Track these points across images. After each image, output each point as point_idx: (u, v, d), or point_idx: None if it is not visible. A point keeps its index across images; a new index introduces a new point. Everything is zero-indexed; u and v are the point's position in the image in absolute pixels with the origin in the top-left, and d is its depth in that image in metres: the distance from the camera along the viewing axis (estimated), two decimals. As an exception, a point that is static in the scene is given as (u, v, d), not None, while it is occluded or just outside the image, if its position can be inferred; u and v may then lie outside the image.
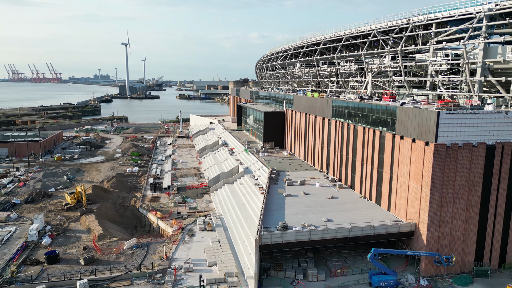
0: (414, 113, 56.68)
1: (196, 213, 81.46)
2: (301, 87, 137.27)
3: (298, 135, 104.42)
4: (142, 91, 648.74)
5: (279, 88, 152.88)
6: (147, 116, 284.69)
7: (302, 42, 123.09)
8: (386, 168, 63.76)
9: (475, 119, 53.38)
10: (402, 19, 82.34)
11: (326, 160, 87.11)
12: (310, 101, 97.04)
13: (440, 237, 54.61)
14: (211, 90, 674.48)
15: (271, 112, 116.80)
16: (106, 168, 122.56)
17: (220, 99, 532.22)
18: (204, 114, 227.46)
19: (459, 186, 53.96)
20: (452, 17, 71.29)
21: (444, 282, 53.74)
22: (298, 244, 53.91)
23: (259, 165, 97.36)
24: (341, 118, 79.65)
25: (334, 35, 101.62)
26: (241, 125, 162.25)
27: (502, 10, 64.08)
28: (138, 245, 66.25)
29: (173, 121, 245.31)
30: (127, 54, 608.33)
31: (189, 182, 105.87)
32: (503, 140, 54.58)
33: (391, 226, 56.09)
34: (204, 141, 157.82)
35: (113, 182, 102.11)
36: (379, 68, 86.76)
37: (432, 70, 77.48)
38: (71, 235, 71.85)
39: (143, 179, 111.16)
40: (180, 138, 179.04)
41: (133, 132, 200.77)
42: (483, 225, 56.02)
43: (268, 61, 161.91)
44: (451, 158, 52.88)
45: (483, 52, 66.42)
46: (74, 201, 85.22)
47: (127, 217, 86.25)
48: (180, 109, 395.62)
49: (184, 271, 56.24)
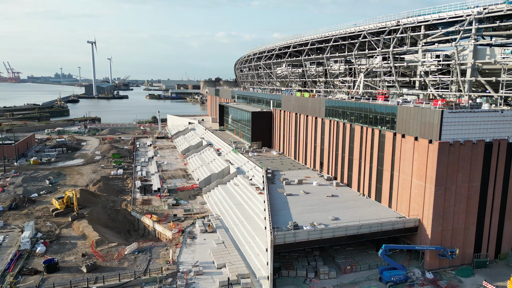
0: (416, 112, 58.58)
1: (192, 215, 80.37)
2: (285, 86, 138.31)
3: (288, 134, 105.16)
4: (110, 91, 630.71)
5: (263, 88, 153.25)
6: (120, 117, 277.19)
7: (287, 42, 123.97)
8: (387, 166, 65.51)
9: (475, 117, 55.91)
10: (391, 21, 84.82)
11: (320, 159, 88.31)
12: (300, 101, 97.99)
13: (443, 231, 56.84)
14: (181, 90, 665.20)
15: (259, 112, 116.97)
16: (88, 171, 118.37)
17: (192, 98, 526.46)
18: (182, 114, 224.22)
19: (460, 182, 56.37)
20: (443, 20, 74.21)
21: (448, 275, 55.99)
22: (310, 243, 54.46)
23: (251, 165, 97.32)
24: (336, 117, 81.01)
25: (322, 36, 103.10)
26: (223, 125, 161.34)
27: (490, 14, 67.38)
28: (139, 250, 64.52)
29: (149, 121, 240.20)
30: (93, 52, 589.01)
31: (178, 183, 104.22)
32: (499, 137, 57.51)
33: (397, 222, 57.75)
34: (186, 142, 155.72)
35: (100, 186, 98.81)
36: (370, 68, 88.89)
37: (421, 71, 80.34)
38: (66, 242, 68.96)
39: (129, 181, 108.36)
40: (159, 139, 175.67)
41: (109, 133, 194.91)
42: (481, 218, 58.82)
43: (250, 61, 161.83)
44: (454, 155, 55.15)
45: (473, 53, 69.63)
46: (63, 206, 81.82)
47: (119, 221, 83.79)
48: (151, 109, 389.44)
49: (194, 274, 55.38)
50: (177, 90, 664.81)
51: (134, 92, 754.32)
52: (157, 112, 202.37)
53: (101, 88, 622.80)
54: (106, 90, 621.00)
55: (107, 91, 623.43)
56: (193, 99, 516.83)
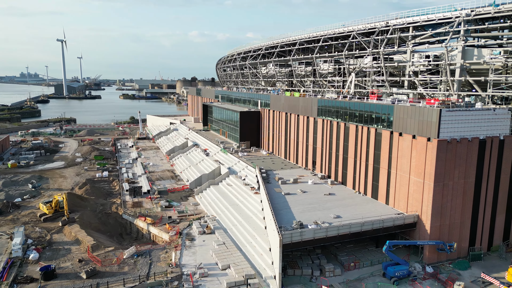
0: (413, 111, 60.17)
1: (187, 217, 79.36)
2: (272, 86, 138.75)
3: (278, 134, 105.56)
4: (81, 91, 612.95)
5: (248, 87, 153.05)
6: (96, 118, 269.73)
7: (274, 42, 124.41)
8: (383, 164, 66.93)
9: (470, 115, 58.01)
10: (380, 22, 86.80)
11: (312, 157, 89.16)
12: (290, 100, 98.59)
13: (441, 226, 58.70)
14: (155, 90, 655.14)
15: (247, 112, 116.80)
16: (71, 174, 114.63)
17: (168, 98, 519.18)
18: (162, 115, 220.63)
19: (457, 178, 58.37)
20: (432, 21, 76.58)
21: (446, 268, 57.87)
22: (316, 241, 54.99)
23: (243, 165, 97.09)
24: (329, 116, 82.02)
25: (311, 36, 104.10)
26: (207, 125, 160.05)
27: (478, 16, 70.13)
28: (138, 254, 63.17)
29: (127, 122, 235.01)
30: (63, 51, 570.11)
31: (168, 185, 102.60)
32: (491, 135, 59.92)
33: (397, 219, 59.16)
34: (170, 143, 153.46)
35: (87, 189, 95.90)
36: (359, 68, 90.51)
37: (410, 71, 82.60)
38: (59, 247, 66.55)
39: (116, 184, 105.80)
40: (141, 140, 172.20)
41: (87, 134, 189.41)
42: (476, 213, 61.14)
43: (234, 61, 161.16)
44: (451, 152, 57.04)
45: (461, 54, 72.24)
46: (51, 211, 78.97)
47: (111, 225, 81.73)
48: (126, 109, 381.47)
49: (199, 277, 54.73)
50: (152, 90, 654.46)
51: (106, 92, 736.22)
52: (133, 112, 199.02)
53: (72, 88, 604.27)
54: (77, 90, 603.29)
55: (79, 91, 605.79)
56: (169, 99, 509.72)
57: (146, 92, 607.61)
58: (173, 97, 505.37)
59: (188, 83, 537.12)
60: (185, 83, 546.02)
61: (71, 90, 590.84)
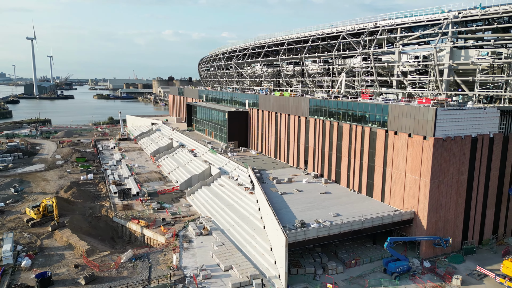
0: (409, 110, 61.67)
1: (181, 219, 78.36)
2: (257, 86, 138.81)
3: (267, 134, 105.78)
4: (53, 91, 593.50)
5: (233, 87, 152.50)
6: (72, 118, 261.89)
7: (260, 42, 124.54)
8: (378, 162, 68.27)
9: (463, 114, 59.99)
10: (369, 23, 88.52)
11: (304, 157, 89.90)
12: (280, 100, 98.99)
13: (437, 222, 60.48)
14: (131, 89, 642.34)
15: (235, 112, 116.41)
16: (53, 177, 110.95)
17: (144, 98, 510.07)
18: (143, 115, 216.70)
19: (451, 175, 60.29)
20: (420, 23, 78.75)
21: (442, 262, 59.67)
22: (319, 240, 55.51)
23: (234, 165, 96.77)
24: (322, 116, 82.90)
25: (299, 36, 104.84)
26: (191, 125, 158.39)
27: (465, 18, 72.68)
28: (136, 257, 61.90)
29: (106, 122, 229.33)
30: (33, 49, 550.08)
31: (157, 186, 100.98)
32: (482, 133, 62.20)
33: (395, 216, 60.52)
34: (154, 143, 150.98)
35: (74, 192, 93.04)
36: (348, 68, 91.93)
37: (398, 71, 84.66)
38: (51, 253, 64.32)
39: (102, 186, 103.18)
40: (122, 141, 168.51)
41: (65, 136, 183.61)
42: (468, 208, 63.34)
43: (219, 60, 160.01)
44: (446, 150, 58.85)
45: (449, 54, 74.66)
46: (39, 216, 76.29)
47: (102, 228, 79.74)
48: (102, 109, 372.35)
49: (203, 278, 54.16)
50: (127, 89, 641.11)
51: (79, 92, 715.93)
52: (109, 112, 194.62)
53: (43, 87, 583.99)
54: (48, 90, 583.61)
55: (50, 91, 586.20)
56: (146, 99, 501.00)
57: (121, 92, 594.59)
58: (150, 97, 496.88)
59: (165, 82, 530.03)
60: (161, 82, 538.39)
61: (42, 90, 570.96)
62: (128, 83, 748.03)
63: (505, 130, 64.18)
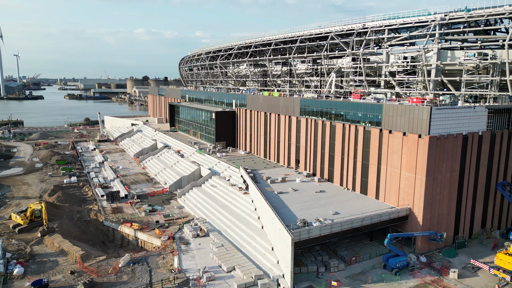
0: (403, 110, 63.28)
1: (174, 221, 77.31)
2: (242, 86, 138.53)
3: (256, 133, 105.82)
4: (21, 91, 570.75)
5: (217, 87, 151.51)
6: (44, 119, 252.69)
7: (246, 42, 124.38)
8: (373, 160, 69.67)
9: (455, 113, 62.12)
10: (357, 24, 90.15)
11: (296, 156, 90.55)
12: (270, 100, 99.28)
13: (431, 217, 62.37)
14: (104, 89, 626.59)
15: (223, 112, 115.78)
16: (34, 181, 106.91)
17: (119, 98, 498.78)
18: (121, 115, 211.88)
19: (444, 171, 62.32)
20: (408, 24, 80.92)
21: (437, 257, 61.61)
22: (321, 238, 56.12)
23: (224, 165, 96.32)
24: (313, 116, 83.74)
25: (288, 36, 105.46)
26: (174, 125, 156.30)
27: (452, 20, 75.27)
28: (134, 261, 60.59)
29: (83, 123, 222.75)
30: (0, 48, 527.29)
31: (145, 188, 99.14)
32: (472, 131, 64.63)
33: (392, 212, 62.00)
34: (136, 144, 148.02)
35: (59, 196, 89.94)
36: (337, 68, 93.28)
37: (386, 71, 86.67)
38: (44, 260, 62.03)
39: (88, 189, 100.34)
40: (102, 142, 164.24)
41: (40, 138, 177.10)
42: (459, 203, 65.68)
43: (203, 60, 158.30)
44: (440, 148, 60.78)
45: (436, 55, 77.09)
46: (26, 221, 73.40)
47: (92, 233, 77.60)
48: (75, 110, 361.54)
49: (206, 280, 53.66)
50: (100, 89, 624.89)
51: (48, 92, 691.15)
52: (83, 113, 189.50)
53: (10, 88, 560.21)
54: (16, 90, 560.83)
55: (18, 91, 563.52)
56: (120, 99, 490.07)
57: (94, 92, 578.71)
58: (125, 97, 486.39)
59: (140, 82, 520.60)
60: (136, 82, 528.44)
61: (9, 90, 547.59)
62: (100, 83, 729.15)
63: (492, 128, 66.92)
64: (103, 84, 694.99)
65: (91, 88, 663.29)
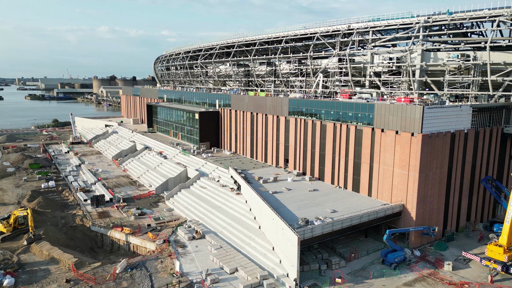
0: (395, 109, 65.21)
1: (166, 224, 75.88)
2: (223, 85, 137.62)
3: (242, 134, 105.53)
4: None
5: (197, 87, 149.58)
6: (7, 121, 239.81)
7: (228, 42, 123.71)
8: (365, 159, 71.33)
9: (444, 112, 64.74)
10: (342, 25, 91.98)
11: (285, 156, 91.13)
12: (256, 100, 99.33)
13: (423, 213, 64.71)
14: (67, 89, 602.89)
15: (206, 112, 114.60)
16: (9, 186, 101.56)
17: (85, 98, 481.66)
18: (93, 116, 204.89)
19: (435, 168, 64.83)
20: (393, 26, 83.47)
21: (430, 250, 64.02)
22: (323, 237, 56.86)
23: (212, 166, 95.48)
24: (303, 115, 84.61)
25: (271, 36, 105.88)
26: (152, 126, 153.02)
27: (435, 22, 78.35)
28: (131, 267, 58.94)
29: (51, 125, 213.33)
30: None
31: (130, 191, 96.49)
32: (458, 129, 67.59)
33: (388, 209, 63.76)
34: (112, 146, 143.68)
35: (40, 201, 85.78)
36: (322, 68, 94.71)
37: (371, 71, 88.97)
38: (34, 269, 59.10)
39: (68, 194, 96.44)
40: (76, 144, 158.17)
41: (7, 140, 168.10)
42: (448, 199, 68.51)
43: (182, 59, 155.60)
44: (431, 145, 63.16)
45: (421, 56, 79.98)
46: (10, 229, 69.67)
47: (79, 239, 74.75)
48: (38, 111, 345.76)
49: (211, 283, 53.08)
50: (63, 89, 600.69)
51: (6, 93, 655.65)
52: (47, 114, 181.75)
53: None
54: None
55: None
56: (86, 99, 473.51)
57: (57, 92, 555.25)
58: (91, 97, 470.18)
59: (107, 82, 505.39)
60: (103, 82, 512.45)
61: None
62: (63, 82, 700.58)
63: (476, 126, 70.24)
64: (66, 84, 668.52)
65: (53, 88, 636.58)
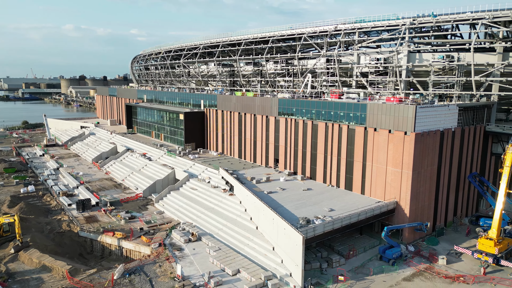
0: (388, 108, 66.80)
1: (158, 227, 74.43)
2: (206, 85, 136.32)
3: (230, 134, 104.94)
4: None
5: (178, 87, 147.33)
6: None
7: (212, 41, 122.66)
8: (358, 157, 72.64)
9: (434, 111, 66.91)
10: (329, 26, 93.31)
11: (275, 155, 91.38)
12: (244, 100, 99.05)
13: (416, 209, 66.67)
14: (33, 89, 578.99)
15: (192, 112, 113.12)
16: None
17: (53, 99, 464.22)
18: (67, 118, 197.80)
19: (426, 166, 66.91)
20: (380, 27, 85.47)
21: (423, 246, 66.06)
22: (325, 235, 57.49)
23: (201, 167, 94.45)
24: (293, 115, 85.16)
25: (257, 37, 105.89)
26: (132, 127, 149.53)
27: (420, 24, 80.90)
28: (129, 272, 57.44)
29: (22, 127, 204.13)
30: None
31: (116, 195, 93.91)
32: (446, 127, 70.07)
33: (383, 206, 65.24)
34: (91, 148, 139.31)
35: (22, 207, 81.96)
36: (311, 69, 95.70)
37: (357, 72, 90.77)
38: (25, 278, 56.50)
39: (49, 199, 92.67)
40: (51, 147, 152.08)
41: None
42: (437, 195, 70.89)
43: (164, 59, 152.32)
44: (423, 143, 65.15)
45: (407, 57, 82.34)
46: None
47: (67, 245, 71.99)
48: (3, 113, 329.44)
49: (215, 286, 52.52)
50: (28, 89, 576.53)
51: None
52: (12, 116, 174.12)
53: None
54: None
55: None
56: (54, 100, 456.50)
57: (23, 93, 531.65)
58: (59, 97, 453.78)
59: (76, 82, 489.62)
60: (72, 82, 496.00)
61: None
62: (28, 82, 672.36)
63: (462, 125, 73.04)
64: (31, 84, 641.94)
65: (17, 88, 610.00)
